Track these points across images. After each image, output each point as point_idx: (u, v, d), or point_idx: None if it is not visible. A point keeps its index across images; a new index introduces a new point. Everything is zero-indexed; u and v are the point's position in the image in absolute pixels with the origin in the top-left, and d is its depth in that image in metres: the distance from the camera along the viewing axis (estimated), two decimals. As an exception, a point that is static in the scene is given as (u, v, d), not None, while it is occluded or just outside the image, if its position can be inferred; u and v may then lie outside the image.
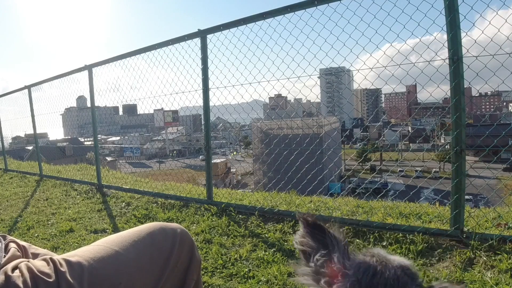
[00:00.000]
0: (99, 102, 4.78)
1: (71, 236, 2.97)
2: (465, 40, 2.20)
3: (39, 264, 0.74)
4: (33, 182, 5.69)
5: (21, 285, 0.67)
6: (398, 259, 0.57)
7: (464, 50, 2.16)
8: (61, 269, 0.72)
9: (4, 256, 0.77)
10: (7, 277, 0.68)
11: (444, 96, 2.61)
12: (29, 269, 0.71)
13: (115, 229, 3.07)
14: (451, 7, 2.15)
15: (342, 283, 0.53)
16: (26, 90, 6.23)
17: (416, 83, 2.88)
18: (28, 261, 0.77)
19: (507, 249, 1.99)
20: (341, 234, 0.59)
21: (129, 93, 4.44)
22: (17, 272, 0.71)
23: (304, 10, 2.76)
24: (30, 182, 5.73)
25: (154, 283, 0.84)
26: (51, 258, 0.75)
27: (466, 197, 2.30)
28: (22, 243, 0.88)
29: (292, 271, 2.03)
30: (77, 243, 2.81)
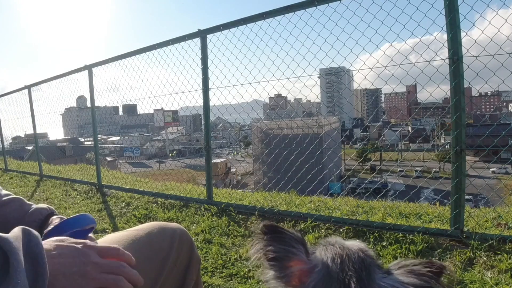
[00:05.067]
0: (99, 102, 4.79)
1: (71, 236, 2.97)
2: (465, 40, 2.21)
3: None
4: (33, 182, 5.69)
5: None
6: (355, 243, 0.59)
7: (464, 50, 2.16)
8: None
9: None
10: None
11: (444, 96, 2.61)
12: None
13: (115, 229, 3.07)
14: (451, 7, 2.16)
15: (312, 279, 0.53)
16: (26, 90, 6.24)
17: (416, 83, 2.88)
18: None
19: (507, 249, 1.99)
20: (297, 232, 0.60)
21: (129, 93, 4.45)
22: None
23: (304, 10, 2.76)
24: (30, 182, 5.73)
25: (152, 283, 0.83)
26: None
27: (466, 197, 2.31)
28: None
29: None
30: (77, 243, 2.81)
